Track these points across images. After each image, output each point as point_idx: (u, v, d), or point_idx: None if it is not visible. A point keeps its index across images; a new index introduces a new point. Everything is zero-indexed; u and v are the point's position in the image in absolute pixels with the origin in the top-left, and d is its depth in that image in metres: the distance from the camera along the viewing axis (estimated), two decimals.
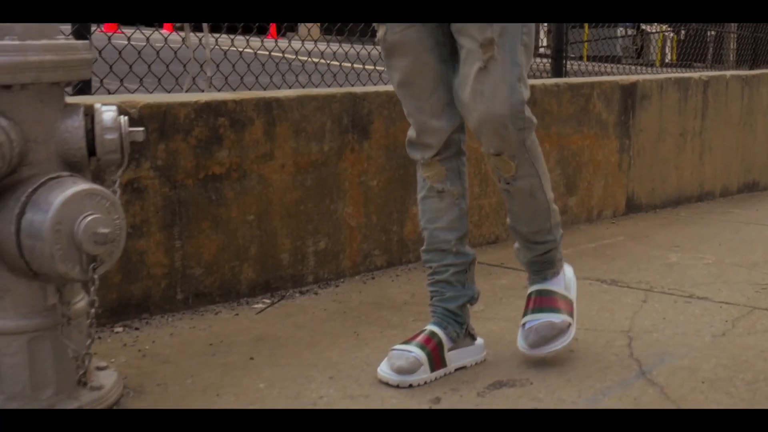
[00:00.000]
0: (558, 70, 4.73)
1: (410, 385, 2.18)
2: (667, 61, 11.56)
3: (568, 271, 2.43)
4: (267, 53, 3.58)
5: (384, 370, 2.21)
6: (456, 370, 2.29)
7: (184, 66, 3.42)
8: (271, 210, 2.92)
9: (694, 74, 4.64)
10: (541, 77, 4.48)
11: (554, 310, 2.31)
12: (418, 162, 2.33)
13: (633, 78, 4.31)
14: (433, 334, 2.29)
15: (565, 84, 3.93)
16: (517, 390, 2.16)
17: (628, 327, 2.64)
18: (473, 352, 2.36)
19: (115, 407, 2.02)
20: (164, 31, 3.86)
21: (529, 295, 2.37)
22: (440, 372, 2.24)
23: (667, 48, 11.48)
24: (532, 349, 2.29)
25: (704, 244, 3.78)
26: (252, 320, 2.68)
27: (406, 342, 2.27)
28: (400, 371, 2.18)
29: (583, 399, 2.11)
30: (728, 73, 4.87)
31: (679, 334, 2.59)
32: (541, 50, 10.97)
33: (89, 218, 1.84)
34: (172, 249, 2.69)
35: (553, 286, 2.36)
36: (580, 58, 8.47)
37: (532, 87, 3.72)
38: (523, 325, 2.33)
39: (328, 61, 3.87)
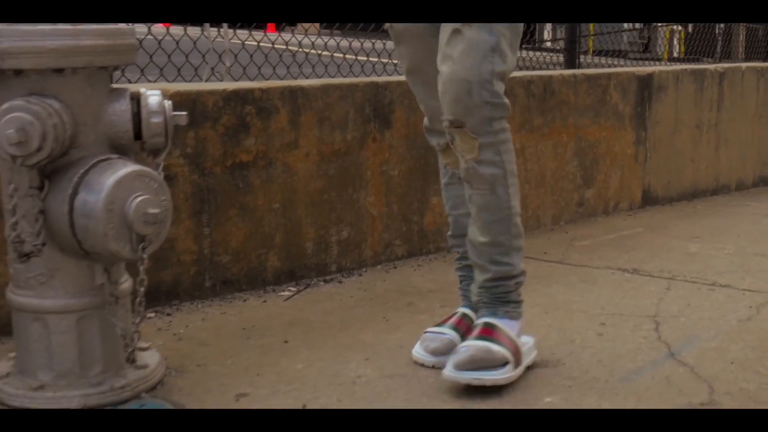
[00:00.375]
0: (571, 62, 4.87)
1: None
2: (674, 55, 11.72)
3: (527, 339, 2.29)
4: (284, 47, 3.71)
5: (419, 351, 2.34)
6: None
7: (203, 56, 3.55)
8: (295, 198, 3.05)
9: (710, 66, 4.78)
10: (554, 69, 4.62)
11: (498, 342, 2.16)
12: (436, 148, 2.43)
13: (649, 69, 4.45)
14: (464, 315, 2.41)
15: (582, 75, 4.07)
16: (550, 370, 2.29)
17: (654, 312, 2.77)
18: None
19: (159, 386, 2.15)
20: None
21: (476, 324, 2.26)
22: None
23: (674, 42, 11.62)
24: (455, 371, 2.10)
25: (723, 235, 3.91)
26: (281, 307, 2.81)
27: (439, 325, 2.40)
28: (434, 353, 2.31)
29: (615, 378, 2.24)
30: (744, 64, 5.01)
31: (705, 318, 2.72)
32: (547, 44, 11.12)
33: (139, 199, 1.96)
34: (201, 236, 2.82)
35: (505, 325, 2.22)
36: (586, 52, 8.61)
37: (549, 78, 3.86)
38: (457, 349, 2.19)
39: (344, 54, 4.00)
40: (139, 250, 1.98)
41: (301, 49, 3.79)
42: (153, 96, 2.08)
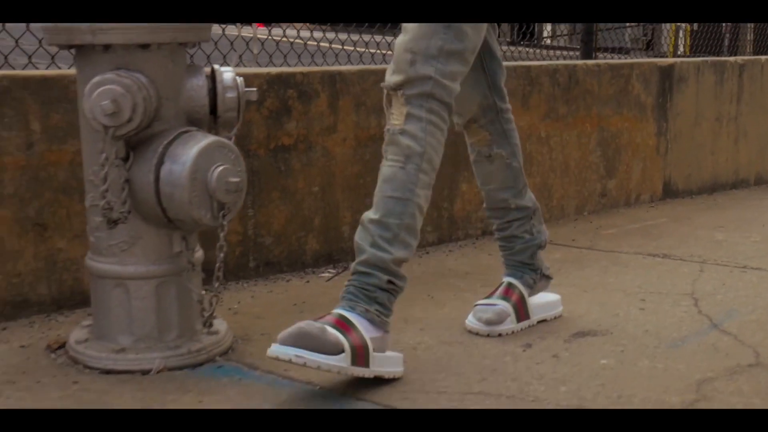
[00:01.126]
0: (588, 54, 5.18)
1: (499, 334, 2.59)
2: (679, 52, 12.09)
3: (393, 353, 2.29)
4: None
5: (472, 321, 2.63)
6: (538, 323, 2.70)
7: (231, 44, 3.84)
8: (333, 182, 3.33)
9: (730, 58, 5.10)
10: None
11: (342, 332, 2.14)
12: (455, 128, 2.59)
13: (670, 60, 4.77)
14: (511, 285, 2.69)
15: (605, 64, 4.38)
16: (599, 338, 2.59)
17: (691, 290, 3.08)
18: (551, 305, 2.76)
19: (230, 351, 2.42)
20: None
21: (329, 313, 2.23)
22: (525, 323, 2.65)
23: (679, 38, 11.98)
24: (278, 345, 2.09)
25: (747, 225, 4.23)
26: (324, 286, 3.09)
27: (488, 297, 2.69)
28: (489, 323, 2.60)
29: (663, 345, 2.53)
30: (763, 57, 5.34)
31: (741, 296, 3.02)
32: (546, 41, 11.46)
33: (220, 168, 2.24)
34: (246, 217, 3.09)
35: (361, 325, 2.20)
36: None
37: (574, 67, 4.17)
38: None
39: (362, 49, 4.29)
40: (220, 218, 2.26)
41: (310, 41, 4.08)
42: (227, 72, 2.37)
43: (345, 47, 4.38)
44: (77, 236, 2.70)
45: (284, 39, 4.01)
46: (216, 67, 2.37)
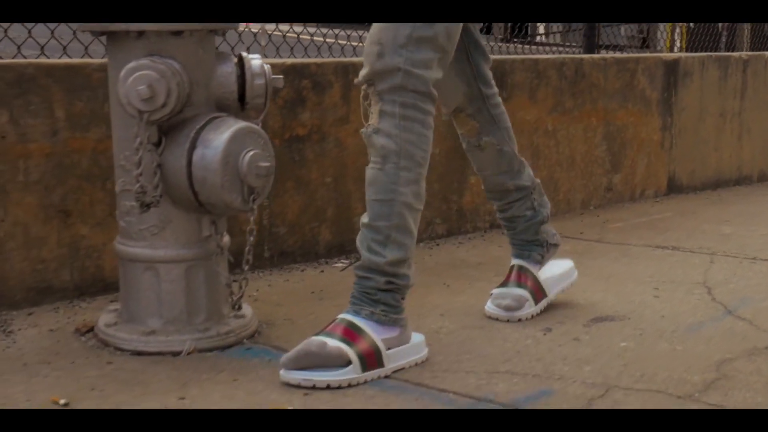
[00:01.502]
0: (590, 48, 5.33)
1: (519, 320, 2.73)
2: (675, 50, 12.27)
3: (416, 338, 2.40)
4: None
5: (491, 307, 2.76)
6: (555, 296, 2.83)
7: (240, 36, 3.97)
8: (346, 173, 3.47)
9: (734, 53, 5.27)
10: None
11: (348, 343, 2.24)
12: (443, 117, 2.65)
13: (675, 55, 4.93)
14: (522, 269, 2.79)
15: (611, 58, 4.53)
16: (617, 323, 2.73)
17: (703, 280, 3.23)
18: (565, 274, 2.88)
19: (256, 334, 2.56)
20: None
21: (335, 320, 2.33)
22: (543, 302, 2.79)
23: (676, 36, 12.16)
24: (284, 371, 2.21)
25: (754, 219, 4.39)
26: (339, 276, 3.22)
27: (503, 284, 2.81)
28: (508, 309, 2.73)
29: (681, 329, 2.68)
30: (767, 53, 5.52)
31: (753, 285, 3.17)
32: (539, 38, 11.64)
33: (251, 153, 2.38)
34: (261, 207, 3.23)
35: (370, 328, 2.30)
36: (581, 46, 9.07)
37: (580, 60, 4.32)
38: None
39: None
40: (250, 202, 2.40)
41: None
42: (255, 59, 2.50)
43: (351, 42, 4.53)
44: (99, 223, 2.82)
45: (291, 32, 4.15)
46: (244, 54, 2.51)
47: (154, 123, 2.32)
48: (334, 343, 2.19)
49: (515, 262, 2.83)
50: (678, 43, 12.13)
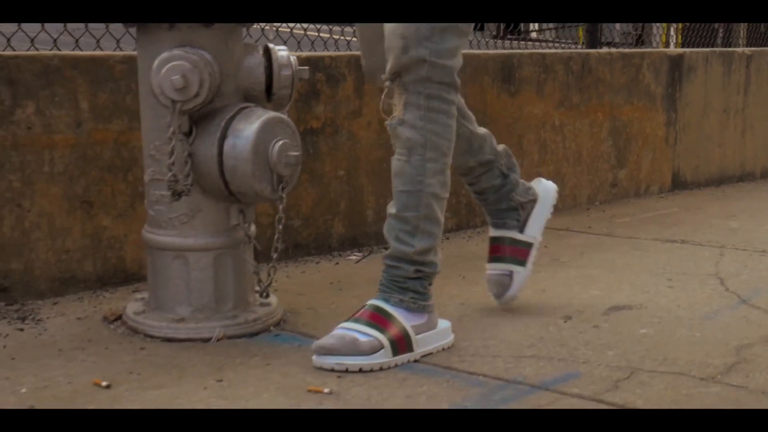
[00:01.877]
0: (593, 43, 5.49)
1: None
2: (670, 47, 12.45)
3: (443, 324, 2.51)
4: None
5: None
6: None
7: (247, 29, 4.10)
8: (358, 166, 3.61)
9: (738, 48, 5.43)
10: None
11: (378, 328, 2.37)
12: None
13: (680, 50, 5.09)
14: (497, 239, 2.84)
15: (617, 53, 4.69)
16: (635, 311, 2.88)
17: (715, 271, 3.38)
18: (540, 211, 2.85)
19: (282, 322, 2.69)
20: None
21: (364, 305, 2.44)
22: (532, 255, 2.83)
23: (671, 32, 12.33)
24: (317, 356, 2.35)
25: (760, 214, 4.55)
26: (355, 268, 3.36)
27: (489, 262, 2.86)
28: (497, 297, 2.83)
29: (697, 317, 2.83)
30: None
31: (764, 276, 3.33)
32: (533, 34, 11.79)
33: (280, 142, 2.51)
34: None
35: (399, 315, 2.41)
36: (575, 43, 9.24)
37: (587, 55, 4.47)
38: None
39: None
40: (279, 190, 2.53)
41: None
42: (282, 51, 2.64)
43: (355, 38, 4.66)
44: (121, 215, 2.95)
45: (298, 28, 4.28)
46: (270, 45, 2.64)
47: (186, 113, 2.45)
48: (363, 337, 2.32)
49: (492, 233, 2.84)
50: (674, 40, 12.31)
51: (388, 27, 2.33)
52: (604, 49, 4.76)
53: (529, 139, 4.26)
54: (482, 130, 2.77)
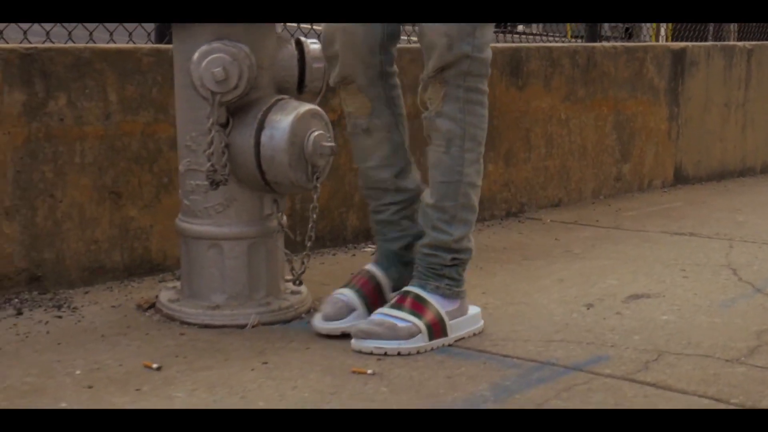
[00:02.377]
0: (593, 36, 5.70)
1: (342, 333, 2.62)
2: (658, 41, 12.69)
3: (473, 309, 2.68)
4: None
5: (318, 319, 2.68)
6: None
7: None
8: None
9: (739, 43, 5.67)
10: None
11: (414, 313, 2.54)
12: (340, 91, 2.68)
13: (683, 44, 5.31)
14: (370, 276, 2.73)
15: (621, 47, 4.90)
16: (654, 300, 3.08)
17: (727, 262, 3.59)
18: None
19: (311, 310, 2.88)
20: None
21: (401, 292, 2.61)
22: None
23: (661, 27, 12.56)
24: (353, 338, 2.52)
25: (764, 208, 4.77)
26: (359, 260, 3.55)
27: (341, 289, 2.74)
28: (326, 318, 2.64)
29: (715, 304, 3.04)
30: None
31: None
32: (520, 27, 12.02)
33: (315, 133, 2.70)
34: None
35: (435, 301, 2.58)
36: (564, 36, 9.44)
37: (592, 49, 4.69)
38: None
39: None
40: (314, 180, 2.72)
41: None
42: (314, 44, 2.83)
43: None
44: (147, 206, 3.13)
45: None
46: (302, 38, 2.83)
47: (224, 104, 2.64)
48: (401, 323, 2.51)
49: (366, 267, 2.78)
50: (663, 33, 12.56)
51: (427, 26, 2.47)
52: (609, 43, 4.97)
53: (536, 133, 4.46)
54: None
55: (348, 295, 2.66)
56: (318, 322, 2.62)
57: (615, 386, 2.33)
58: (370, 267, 2.72)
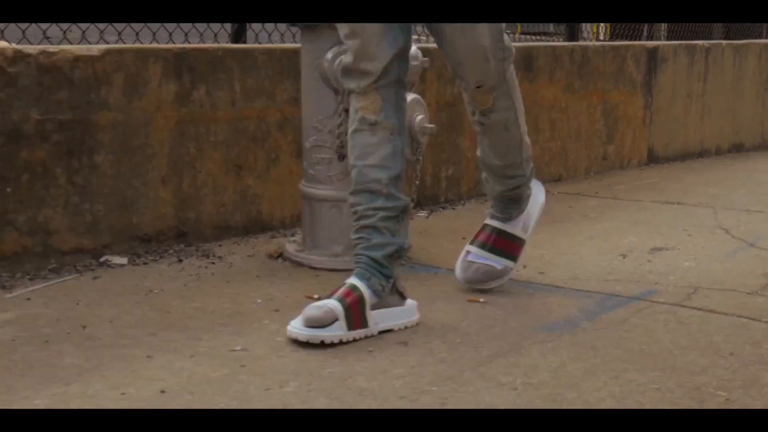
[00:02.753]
0: (572, 36, 6.31)
1: (322, 342, 2.44)
2: (600, 39, 13.32)
3: (539, 194, 3.04)
4: None
5: (295, 325, 2.48)
6: (380, 333, 2.57)
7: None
8: None
9: (699, 41, 6.33)
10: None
11: (504, 254, 2.96)
12: (352, 93, 2.65)
13: (656, 42, 5.96)
14: (353, 287, 2.54)
15: (609, 46, 5.53)
16: (673, 252, 3.68)
17: (717, 224, 4.22)
18: (402, 314, 2.62)
19: (407, 258, 3.45)
20: None
21: (485, 227, 2.99)
22: (360, 332, 2.51)
23: (600, 25, 13.18)
24: (467, 282, 2.97)
25: (729, 181, 5.42)
26: (429, 222, 4.13)
27: (328, 296, 2.56)
28: (310, 321, 2.44)
29: (723, 254, 3.66)
30: (724, 41, 6.59)
31: (759, 227, 4.17)
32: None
33: (420, 116, 3.27)
34: None
35: (513, 228, 2.98)
36: (544, 33, 9.89)
37: (586, 48, 5.31)
38: (467, 252, 2.97)
39: None
40: (417, 153, 3.30)
41: None
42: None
43: None
44: (259, 176, 3.68)
45: None
46: None
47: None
48: (499, 264, 3.00)
49: (349, 280, 2.60)
50: (603, 32, 13.20)
51: (461, 43, 2.58)
52: (599, 42, 5.59)
53: (542, 119, 5.06)
54: None
55: (332, 304, 2.49)
56: (300, 329, 2.45)
57: (671, 310, 2.92)
58: (352, 279, 2.57)
